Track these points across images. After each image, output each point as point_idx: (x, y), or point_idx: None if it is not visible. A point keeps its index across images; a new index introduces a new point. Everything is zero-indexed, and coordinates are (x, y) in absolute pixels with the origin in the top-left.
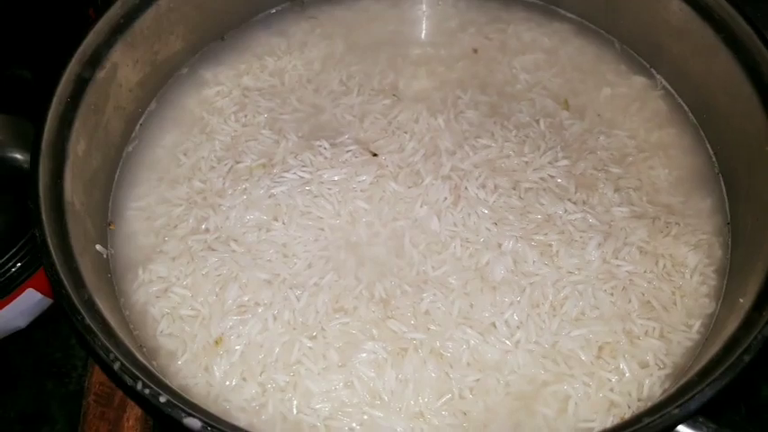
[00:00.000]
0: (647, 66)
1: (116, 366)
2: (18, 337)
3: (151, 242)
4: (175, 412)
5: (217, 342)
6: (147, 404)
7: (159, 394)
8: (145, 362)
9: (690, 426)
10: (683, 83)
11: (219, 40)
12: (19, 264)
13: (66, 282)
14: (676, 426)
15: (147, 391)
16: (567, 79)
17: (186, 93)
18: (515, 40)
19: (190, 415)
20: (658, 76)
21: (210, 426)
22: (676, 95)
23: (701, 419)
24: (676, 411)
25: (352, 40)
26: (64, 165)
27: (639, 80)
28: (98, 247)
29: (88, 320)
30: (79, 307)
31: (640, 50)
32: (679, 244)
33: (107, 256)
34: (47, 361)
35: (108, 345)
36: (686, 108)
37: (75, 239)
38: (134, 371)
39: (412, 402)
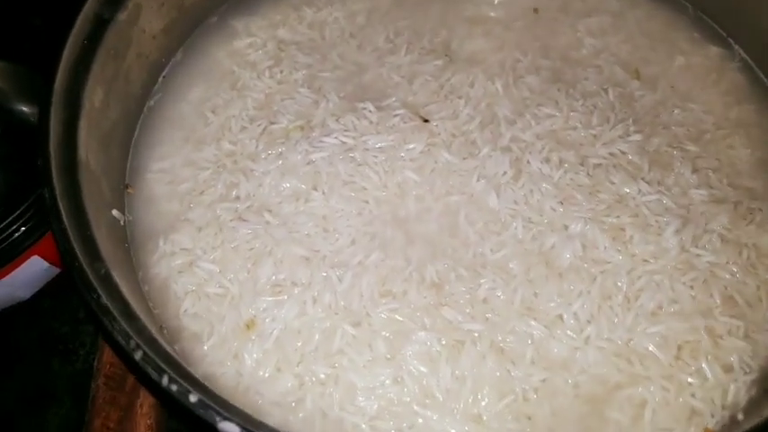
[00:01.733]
0: (724, 34)
1: (138, 356)
2: (22, 307)
3: (174, 209)
4: (209, 414)
5: (248, 325)
6: (173, 402)
7: (189, 392)
8: (169, 349)
9: None
10: (763, 54)
11: None
12: (23, 228)
13: (79, 253)
14: None
15: (174, 387)
16: (636, 46)
17: (215, 43)
18: (580, 1)
19: (226, 419)
20: (736, 47)
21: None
22: (756, 68)
23: None
24: None
25: None
26: (79, 115)
27: (715, 50)
28: (114, 212)
29: (105, 300)
30: (95, 283)
31: (716, 17)
32: (763, 232)
33: (124, 222)
34: (53, 336)
35: (129, 330)
36: (767, 82)
37: (89, 203)
38: (159, 362)
39: (470, 402)
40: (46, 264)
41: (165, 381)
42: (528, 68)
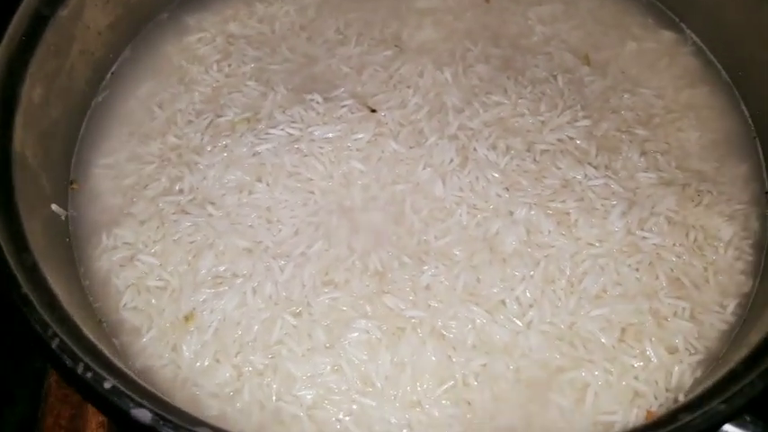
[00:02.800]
0: (677, 19)
1: (54, 344)
2: None
3: (118, 203)
4: (122, 401)
5: (187, 318)
6: (90, 391)
7: (104, 379)
8: (95, 341)
9: (736, 425)
10: (716, 38)
11: None
12: None
13: (3, 243)
14: (720, 426)
15: (89, 374)
16: (587, 32)
17: (165, 40)
18: None
19: (139, 405)
20: (688, 31)
21: (163, 419)
22: (708, 52)
23: (748, 418)
24: (722, 408)
25: None
26: (14, 111)
27: (668, 35)
28: (54, 207)
29: (26, 290)
30: (16, 273)
31: (669, 2)
32: (712, 214)
33: (66, 218)
34: (9, 333)
35: (48, 319)
36: (719, 66)
37: (22, 197)
38: (76, 350)
39: (409, 389)
40: None
41: (80, 369)
42: (478, 57)
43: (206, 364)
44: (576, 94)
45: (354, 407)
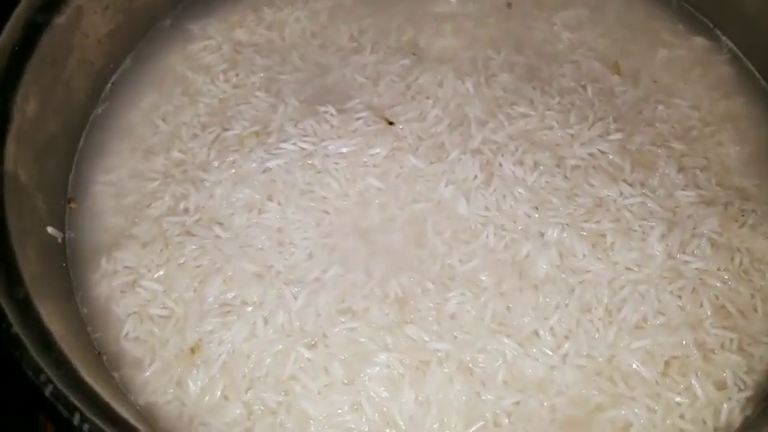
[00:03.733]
0: (710, 25)
1: (47, 391)
2: None
3: (119, 224)
4: None
5: (193, 350)
6: None
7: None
8: (94, 385)
9: None
10: (753, 44)
11: None
12: None
13: None
14: None
15: (86, 426)
16: (615, 39)
17: (168, 48)
18: None
19: None
20: (723, 38)
21: None
22: (745, 59)
23: None
24: None
25: None
26: (6, 128)
27: (700, 41)
28: (50, 229)
29: (17, 329)
30: (6, 310)
31: (701, 6)
32: (757, 236)
33: (63, 240)
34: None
35: (40, 362)
36: (757, 73)
37: (14, 221)
38: (72, 398)
39: (436, 429)
40: None
41: (76, 420)
42: (501, 66)
43: (214, 400)
44: (606, 105)
45: None
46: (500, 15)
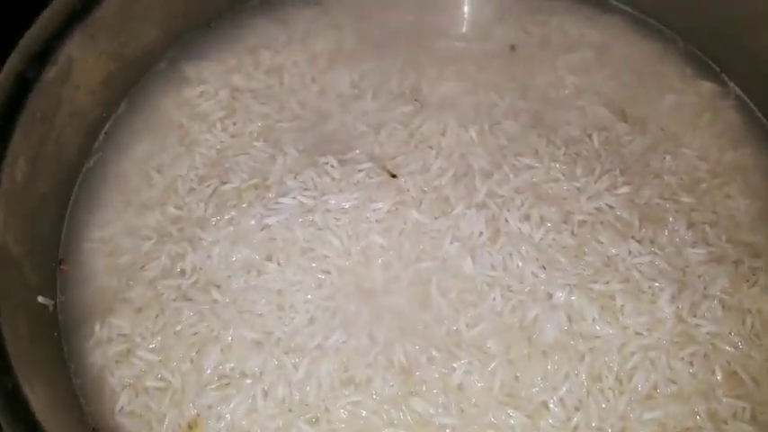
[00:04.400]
0: (717, 70)
1: None
2: None
3: (113, 286)
4: None
5: (191, 425)
6: None
7: None
8: None
9: None
10: (760, 90)
11: (205, 27)
12: None
13: None
14: None
15: None
16: (622, 83)
17: (163, 92)
18: (560, 35)
19: None
20: (731, 83)
21: None
22: (752, 105)
23: None
24: None
25: (364, 32)
26: None
27: (708, 86)
28: (41, 298)
29: (4, 425)
30: None
31: (708, 51)
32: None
33: (54, 306)
34: None
35: None
36: (765, 120)
37: (3, 297)
38: None
39: None
40: None
41: None
42: (505, 112)
43: None
44: (613, 155)
45: None
46: (504, 59)
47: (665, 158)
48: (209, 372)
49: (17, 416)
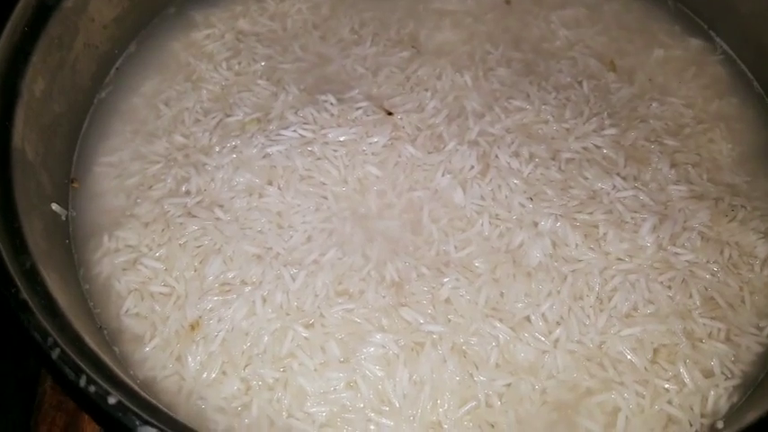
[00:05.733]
0: (705, 27)
1: (55, 354)
2: None
3: (121, 204)
4: (127, 418)
5: (193, 326)
6: (92, 406)
7: (108, 393)
8: (97, 351)
9: None
10: (747, 47)
11: None
12: None
13: (1, 243)
14: None
15: (92, 388)
16: (612, 38)
17: (172, 35)
18: None
19: (146, 422)
20: (718, 39)
21: None
22: (739, 61)
23: None
24: None
25: None
26: (15, 104)
27: (696, 43)
28: (54, 206)
29: (24, 295)
30: (14, 277)
31: (697, 9)
32: (746, 230)
33: (66, 218)
34: (2, 338)
35: (47, 326)
36: (750, 75)
37: (21, 194)
38: (78, 361)
39: (428, 409)
40: None
41: (82, 381)
42: (498, 60)
43: (212, 376)
44: (601, 100)
45: (371, 426)
46: (499, 12)
47: (651, 105)
48: (211, 279)
49: (37, 291)
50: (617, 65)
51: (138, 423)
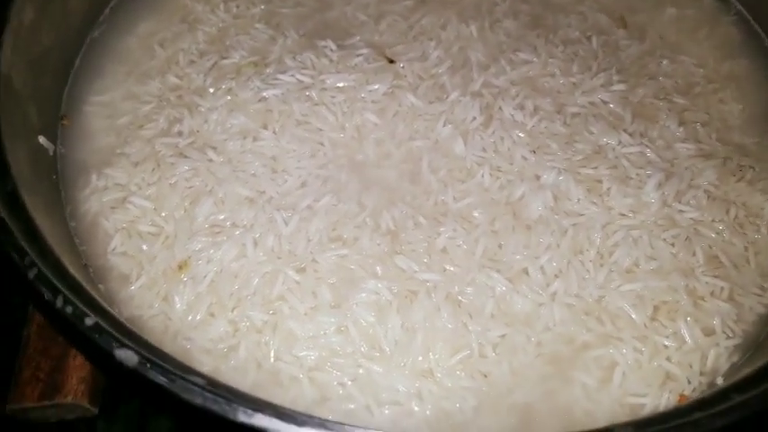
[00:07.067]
0: None
1: (31, 274)
2: None
3: (111, 143)
4: (104, 339)
5: (181, 266)
6: (69, 327)
7: (85, 315)
8: (76, 275)
9: None
10: (762, 7)
11: None
12: None
13: None
14: None
15: (69, 309)
16: None
17: None
18: None
19: (124, 345)
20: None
21: (151, 362)
22: (752, 21)
23: None
24: None
25: None
26: (3, 30)
27: (709, 2)
28: (41, 139)
29: (3, 215)
30: None
31: None
32: (754, 191)
33: (54, 153)
34: None
35: (25, 246)
36: (764, 36)
37: (6, 120)
38: (55, 282)
39: (420, 357)
40: None
41: (59, 302)
42: (506, 12)
43: (199, 317)
44: (610, 56)
45: (360, 371)
46: None
47: (661, 63)
48: (200, 220)
49: (17, 215)
50: (627, 21)
51: (115, 345)
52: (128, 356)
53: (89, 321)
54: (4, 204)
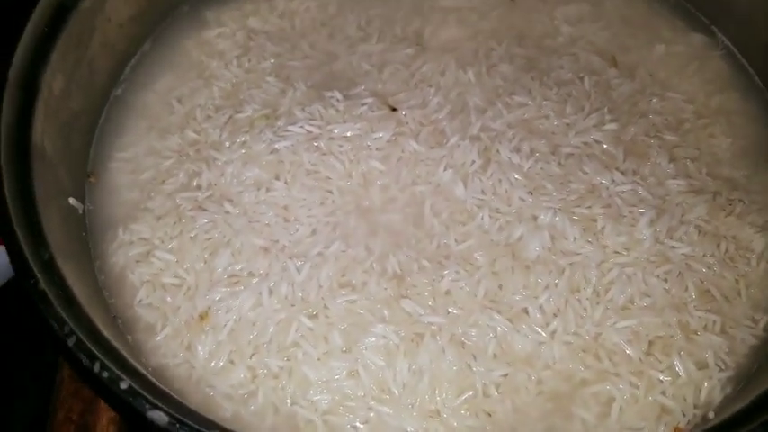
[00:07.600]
0: (707, 22)
1: (71, 342)
2: None
3: (135, 198)
4: (138, 402)
5: (202, 316)
6: (105, 391)
7: (120, 379)
8: (111, 338)
9: None
10: (749, 42)
11: None
12: None
13: (21, 236)
14: None
15: (105, 374)
16: (614, 34)
17: (185, 33)
18: None
19: (155, 407)
20: (720, 35)
21: (179, 421)
22: (740, 56)
23: None
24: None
25: None
26: (35, 101)
27: (698, 38)
28: (72, 200)
29: (43, 285)
30: (34, 268)
31: (699, 4)
32: (743, 225)
33: (83, 211)
34: (20, 326)
35: (64, 315)
36: (751, 71)
37: (40, 188)
38: (92, 348)
39: (427, 398)
40: None
41: (96, 367)
42: (502, 57)
43: (220, 364)
44: (602, 96)
45: (371, 414)
46: (503, 9)
47: (652, 100)
48: (219, 271)
49: (54, 282)
50: (618, 61)
51: (147, 407)
52: (159, 417)
53: (123, 385)
54: (42, 274)
